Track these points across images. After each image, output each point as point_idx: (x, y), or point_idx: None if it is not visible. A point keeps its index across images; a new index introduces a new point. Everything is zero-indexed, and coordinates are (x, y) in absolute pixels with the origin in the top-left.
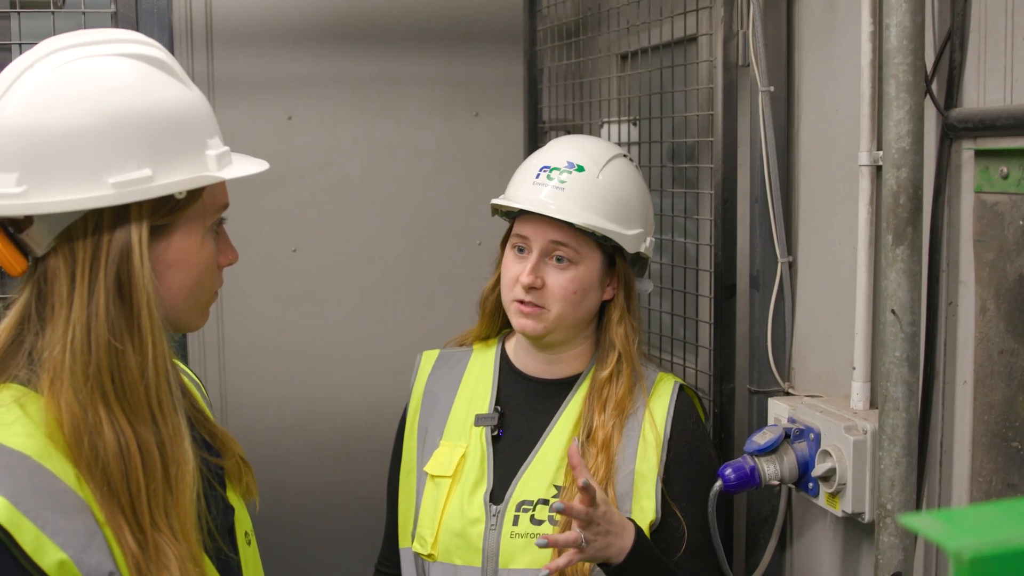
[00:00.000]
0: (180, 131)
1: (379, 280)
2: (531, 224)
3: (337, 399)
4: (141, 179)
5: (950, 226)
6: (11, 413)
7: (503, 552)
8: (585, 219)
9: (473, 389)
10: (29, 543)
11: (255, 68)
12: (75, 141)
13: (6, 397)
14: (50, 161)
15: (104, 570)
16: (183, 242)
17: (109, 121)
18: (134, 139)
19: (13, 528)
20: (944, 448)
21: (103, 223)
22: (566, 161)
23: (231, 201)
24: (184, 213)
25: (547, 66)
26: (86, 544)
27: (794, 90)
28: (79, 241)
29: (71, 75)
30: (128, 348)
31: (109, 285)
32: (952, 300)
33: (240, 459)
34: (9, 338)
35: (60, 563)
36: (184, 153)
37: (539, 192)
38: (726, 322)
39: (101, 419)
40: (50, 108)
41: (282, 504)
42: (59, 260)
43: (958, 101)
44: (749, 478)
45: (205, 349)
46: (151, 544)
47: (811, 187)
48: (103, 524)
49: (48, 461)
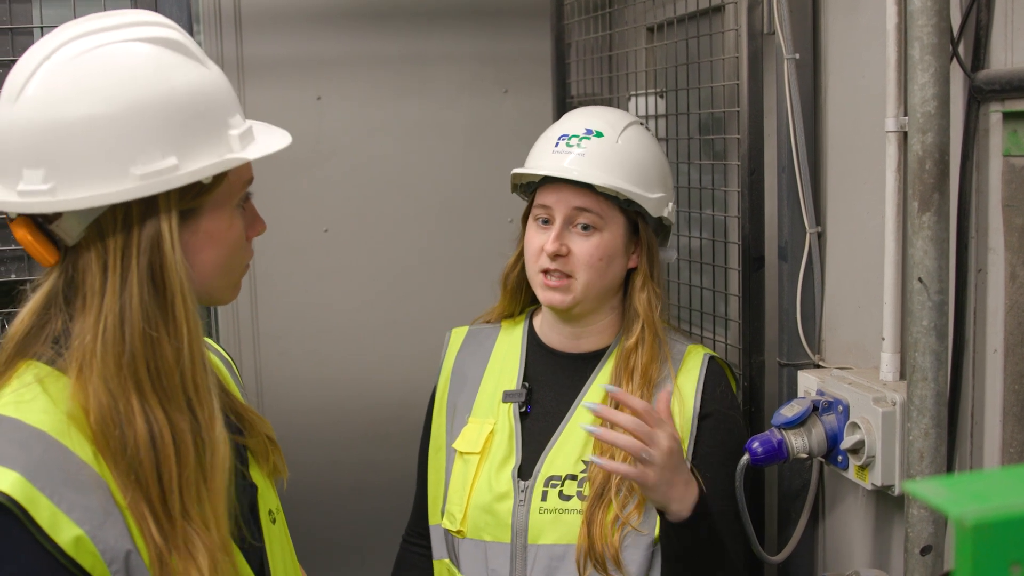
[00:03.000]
0: (202, 114)
1: (410, 259)
2: (553, 192)
3: (369, 378)
4: (167, 168)
5: (978, 191)
6: (31, 391)
7: (532, 528)
8: (607, 181)
9: (501, 366)
10: (45, 519)
11: (284, 49)
12: (97, 134)
13: (27, 375)
14: (74, 156)
15: (122, 548)
16: (212, 223)
17: (130, 112)
18: (157, 128)
19: (29, 504)
20: (975, 418)
21: (132, 214)
22: (584, 128)
23: (261, 181)
24: (211, 195)
25: (575, 40)
26: (102, 520)
27: (820, 57)
28: (109, 232)
29: (88, 66)
30: (163, 335)
31: (142, 274)
32: (981, 267)
33: (267, 438)
34: (33, 321)
35: (76, 539)
36: (207, 136)
37: (560, 159)
38: (755, 294)
39: (133, 408)
40: (70, 101)
41: (316, 483)
42: (90, 252)
43: (985, 63)
44: (777, 451)
45: (240, 330)
46: (180, 534)
47: (839, 156)
48: (124, 507)
49: (66, 438)
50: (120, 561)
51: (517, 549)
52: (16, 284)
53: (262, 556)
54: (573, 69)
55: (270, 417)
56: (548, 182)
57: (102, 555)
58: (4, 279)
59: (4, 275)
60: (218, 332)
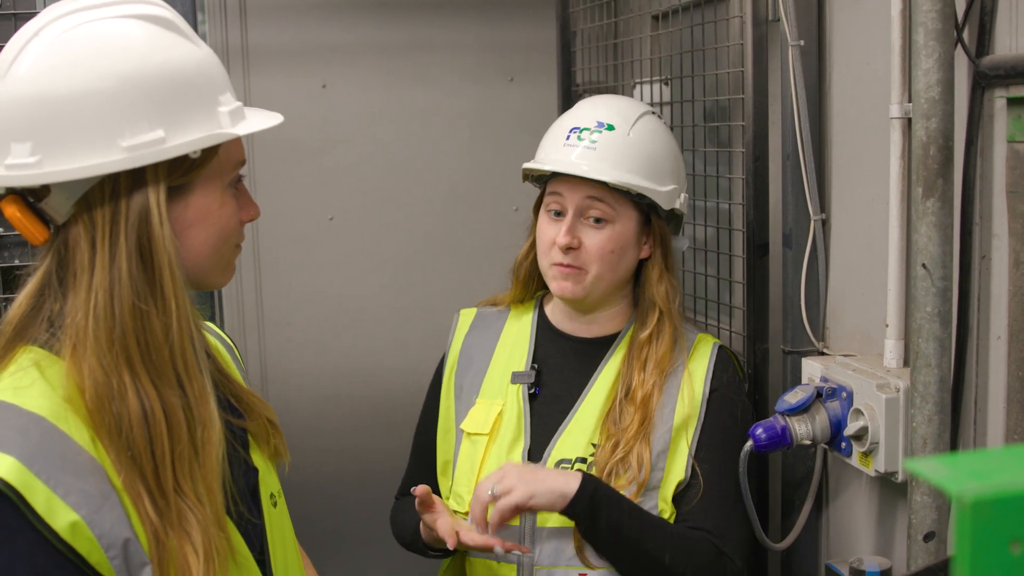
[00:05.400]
0: (190, 90)
1: (415, 247)
2: (565, 185)
3: (374, 366)
4: (154, 141)
5: (982, 177)
6: (28, 376)
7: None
8: (618, 177)
9: (511, 347)
10: (41, 504)
11: (289, 37)
12: (85, 106)
13: (25, 360)
14: (61, 128)
15: (119, 535)
16: (202, 201)
17: (118, 84)
18: (144, 101)
19: (25, 489)
20: (978, 405)
21: (120, 187)
22: (595, 120)
23: (267, 169)
24: (201, 172)
25: (580, 28)
26: (99, 505)
27: (825, 44)
28: (97, 207)
29: (77, 40)
30: (152, 310)
31: (130, 249)
32: (985, 253)
33: (268, 422)
34: (29, 304)
35: (72, 524)
36: (196, 111)
37: (570, 153)
38: (759, 282)
39: (125, 384)
40: (58, 75)
41: (320, 470)
42: (79, 227)
43: (990, 48)
44: (780, 438)
45: (244, 318)
46: (173, 510)
47: (843, 142)
48: (120, 490)
49: (63, 423)
50: (118, 548)
51: (525, 532)
52: (17, 269)
53: (263, 539)
54: (578, 57)
55: (275, 404)
56: (560, 174)
57: (99, 540)
58: (8, 264)
59: (7, 260)
60: (223, 319)
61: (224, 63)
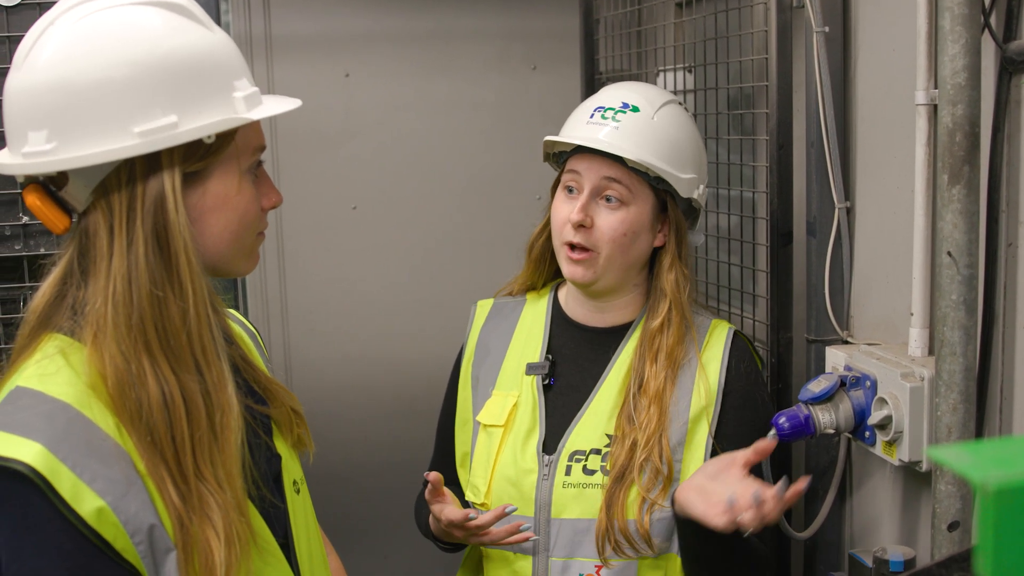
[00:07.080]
0: (204, 75)
1: (438, 236)
2: (584, 161)
3: (397, 355)
4: (167, 126)
5: (1009, 164)
6: (54, 363)
7: (555, 502)
8: (639, 155)
9: (526, 338)
10: (67, 490)
11: (312, 26)
12: (98, 93)
13: (50, 347)
14: (76, 115)
15: (144, 521)
16: (220, 186)
17: (130, 70)
18: (156, 86)
19: (51, 475)
20: (1004, 394)
21: (136, 174)
22: (621, 102)
23: (290, 159)
24: (217, 158)
25: (603, 16)
26: (124, 491)
27: (850, 30)
28: (114, 193)
29: (90, 28)
30: (169, 296)
31: (147, 235)
32: (1012, 241)
33: (292, 410)
34: (53, 293)
35: (98, 510)
36: (210, 96)
37: (594, 131)
38: (783, 270)
39: (145, 370)
40: (72, 63)
41: (344, 459)
42: (98, 214)
43: (1017, 33)
44: (804, 427)
45: (268, 307)
46: (195, 494)
47: (868, 130)
48: (145, 475)
49: (88, 410)
50: (143, 533)
51: (540, 523)
52: (42, 258)
53: (286, 526)
54: (601, 45)
55: (299, 393)
56: (580, 152)
57: (124, 526)
58: (34, 252)
59: (33, 249)
60: (247, 309)
61: (247, 53)
